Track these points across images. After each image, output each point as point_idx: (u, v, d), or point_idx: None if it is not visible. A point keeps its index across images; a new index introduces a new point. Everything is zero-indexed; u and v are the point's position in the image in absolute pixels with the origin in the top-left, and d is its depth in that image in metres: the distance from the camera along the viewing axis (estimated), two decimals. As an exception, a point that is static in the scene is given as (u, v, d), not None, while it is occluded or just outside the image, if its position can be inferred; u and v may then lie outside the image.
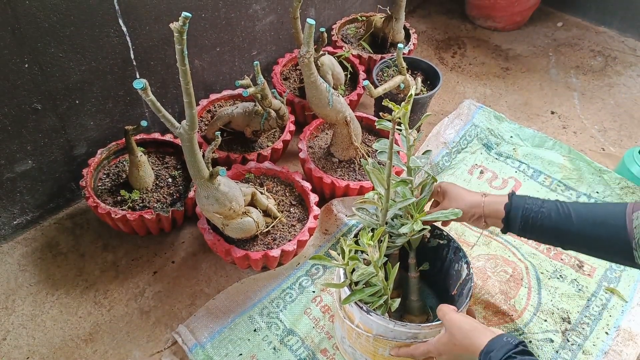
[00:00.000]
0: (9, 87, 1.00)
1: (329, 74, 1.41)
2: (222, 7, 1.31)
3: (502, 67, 1.85)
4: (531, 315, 1.07)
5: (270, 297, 1.09)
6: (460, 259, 0.92)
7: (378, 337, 0.82)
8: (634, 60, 1.89)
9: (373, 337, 0.82)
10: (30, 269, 1.13)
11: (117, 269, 1.15)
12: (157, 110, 0.76)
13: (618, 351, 1.02)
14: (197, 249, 1.20)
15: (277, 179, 1.23)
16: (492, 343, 0.69)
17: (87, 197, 1.10)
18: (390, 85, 1.30)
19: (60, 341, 1.02)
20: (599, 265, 1.18)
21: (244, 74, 1.51)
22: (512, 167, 1.41)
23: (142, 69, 1.21)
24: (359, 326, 0.84)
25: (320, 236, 1.21)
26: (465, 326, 0.74)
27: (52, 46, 1.02)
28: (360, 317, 0.82)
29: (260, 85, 1.13)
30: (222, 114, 1.27)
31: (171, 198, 1.17)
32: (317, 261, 0.83)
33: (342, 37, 1.70)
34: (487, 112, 1.53)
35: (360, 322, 0.83)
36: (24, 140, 1.09)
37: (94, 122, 1.19)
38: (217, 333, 1.02)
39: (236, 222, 1.02)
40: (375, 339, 0.83)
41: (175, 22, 0.66)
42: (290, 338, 1.03)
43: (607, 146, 1.55)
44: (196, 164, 0.88)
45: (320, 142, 1.36)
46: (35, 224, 1.22)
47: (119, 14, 1.09)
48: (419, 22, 2.08)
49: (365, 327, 0.83)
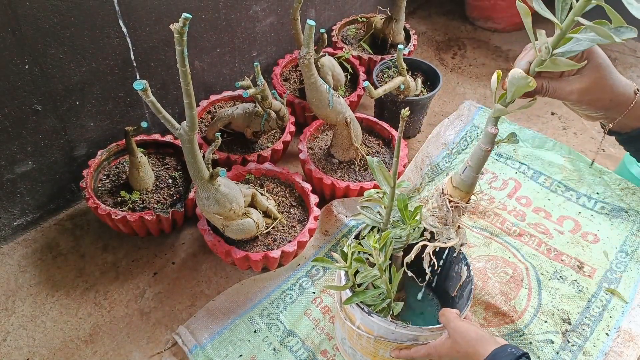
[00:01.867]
0: (9, 88, 1.00)
1: (329, 75, 1.41)
2: (222, 8, 1.31)
3: (502, 68, 1.85)
4: (531, 316, 1.07)
5: (271, 298, 1.09)
6: (460, 261, 0.91)
7: (379, 339, 0.82)
8: (634, 61, 1.89)
9: (374, 338, 0.82)
10: (31, 270, 1.13)
11: (117, 270, 1.15)
12: (157, 111, 0.76)
13: (618, 352, 1.02)
14: (197, 250, 1.20)
15: (277, 180, 1.23)
16: (496, 353, 0.69)
17: (88, 198, 1.10)
18: (390, 86, 1.30)
19: (60, 342, 1.02)
20: (599, 266, 1.18)
21: (244, 75, 1.51)
22: (512, 168, 1.41)
23: (143, 70, 1.21)
24: (360, 327, 0.84)
25: (320, 237, 1.21)
26: (470, 334, 0.74)
27: (53, 47, 1.02)
28: (362, 318, 0.82)
29: (261, 86, 1.13)
30: (222, 115, 1.27)
31: (171, 199, 1.17)
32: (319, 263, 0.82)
33: (342, 38, 1.70)
34: (488, 113, 1.53)
35: (362, 323, 0.83)
36: (24, 142, 1.09)
37: (94, 123, 1.20)
38: (217, 334, 1.02)
39: (236, 223, 1.02)
40: (376, 341, 0.82)
41: (176, 24, 0.66)
42: (291, 339, 1.03)
43: (607, 147, 1.55)
44: (196, 165, 0.88)
45: (320, 143, 1.36)
46: (36, 225, 1.22)
47: (119, 15, 1.09)
48: (419, 23, 2.08)
49: (366, 328, 0.83)
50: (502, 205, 1.31)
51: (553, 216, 1.29)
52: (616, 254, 1.20)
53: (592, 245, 1.23)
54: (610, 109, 0.70)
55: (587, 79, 0.67)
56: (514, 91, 0.62)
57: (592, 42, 0.60)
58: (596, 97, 0.68)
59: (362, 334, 0.83)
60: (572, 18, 0.57)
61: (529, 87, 0.59)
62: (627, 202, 1.29)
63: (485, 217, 1.28)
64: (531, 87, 0.59)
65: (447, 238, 0.76)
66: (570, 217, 1.29)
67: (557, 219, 1.28)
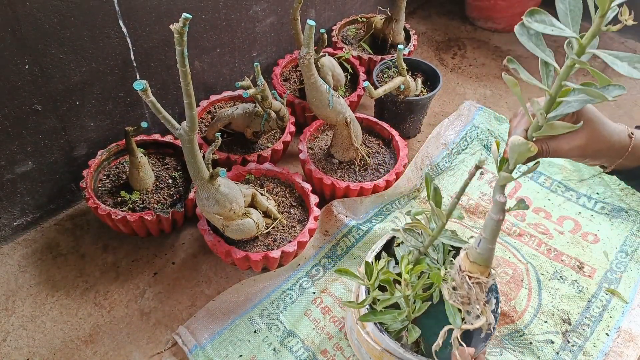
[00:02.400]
0: (9, 89, 1.00)
1: (329, 75, 1.41)
2: (222, 8, 1.31)
3: (503, 68, 1.85)
4: (531, 316, 1.07)
5: (271, 298, 1.09)
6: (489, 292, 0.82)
7: (385, 352, 0.81)
8: (634, 61, 1.89)
9: (381, 349, 0.81)
10: (31, 270, 1.13)
11: (117, 270, 1.15)
12: (157, 111, 0.76)
13: (618, 352, 1.02)
14: (197, 250, 1.20)
15: (278, 180, 1.23)
16: None
17: (88, 198, 1.10)
18: (390, 86, 1.30)
19: (61, 342, 1.02)
20: (599, 266, 1.18)
21: (244, 75, 1.51)
22: (512, 168, 1.41)
23: (143, 70, 1.21)
24: (369, 334, 0.83)
25: (320, 237, 1.21)
26: None
27: (53, 47, 1.02)
28: (373, 329, 0.81)
29: (261, 86, 1.13)
30: (222, 115, 1.27)
31: (171, 199, 1.17)
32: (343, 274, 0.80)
33: (342, 39, 1.70)
34: (488, 114, 1.53)
35: (372, 332, 0.82)
36: (24, 142, 1.09)
37: (94, 123, 1.20)
38: (217, 334, 1.02)
39: (236, 223, 1.02)
40: (383, 352, 0.82)
41: (176, 24, 0.66)
42: (291, 339, 1.03)
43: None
44: (196, 165, 0.88)
45: (320, 143, 1.36)
46: (36, 225, 1.22)
47: (119, 15, 1.09)
48: (419, 24, 2.08)
49: (375, 338, 0.82)
50: (502, 206, 1.31)
51: (553, 216, 1.29)
52: (616, 254, 1.20)
53: (592, 245, 1.23)
54: (610, 155, 0.75)
55: (583, 135, 0.71)
56: (517, 158, 0.63)
57: (584, 103, 0.62)
58: (596, 149, 0.71)
59: (370, 340, 0.83)
60: (560, 83, 0.60)
61: (531, 152, 0.61)
62: (627, 202, 1.29)
63: (485, 217, 1.28)
64: (532, 152, 0.61)
65: (474, 317, 0.71)
66: (570, 217, 1.29)
67: (557, 219, 1.28)
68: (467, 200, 1.32)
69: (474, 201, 1.32)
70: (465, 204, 1.31)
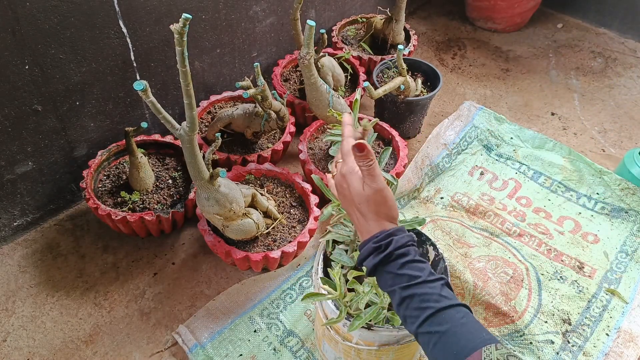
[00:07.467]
0: (10, 89, 1.00)
1: (329, 75, 1.41)
2: (222, 8, 1.31)
3: (502, 68, 1.86)
4: (532, 316, 1.07)
5: (271, 298, 1.09)
6: (423, 243, 0.91)
7: (383, 347, 0.81)
8: (634, 61, 1.89)
9: (377, 348, 0.81)
10: (31, 271, 1.13)
11: (117, 270, 1.15)
12: (157, 111, 0.76)
13: (618, 352, 1.02)
14: (197, 250, 1.20)
15: (278, 180, 1.23)
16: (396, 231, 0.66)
17: (88, 198, 1.10)
18: (390, 86, 1.30)
19: (61, 343, 1.02)
20: (599, 266, 1.18)
21: (244, 75, 1.51)
22: (512, 169, 1.41)
23: (143, 70, 1.21)
24: (359, 343, 0.83)
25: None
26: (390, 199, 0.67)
27: (53, 48, 1.02)
28: (360, 334, 0.81)
29: (261, 86, 1.13)
30: (222, 116, 1.27)
31: (171, 199, 1.17)
32: (312, 298, 0.79)
33: (343, 39, 1.70)
34: (488, 114, 1.53)
35: (360, 339, 0.82)
36: (25, 142, 1.09)
37: (95, 123, 1.20)
38: (217, 333, 1.02)
39: (236, 223, 1.02)
40: (379, 350, 0.82)
41: (176, 24, 0.66)
42: (290, 339, 1.03)
43: (608, 147, 1.55)
44: (196, 166, 0.88)
45: (320, 144, 1.36)
46: (36, 225, 1.22)
47: (119, 16, 1.09)
48: (419, 24, 2.08)
49: (366, 342, 0.82)
50: (502, 206, 1.31)
51: (553, 216, 1.29)
52: (616, 255, 1.20)
53: (592, 245, 1.23)
54: None
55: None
56: None
57: None
58: None
59: (363, 348, 0.82)
60: None
61: None
62: (627, 202, 1.29)
63: (486, 218, 1.28)
64: None
65: None
66: (571, 218, 1.29)
67: (557, 219, 1.28)
68: (467, 200, 1.32)
69: (474, 201, 1.31)
70: (465, 204, 1.31)
